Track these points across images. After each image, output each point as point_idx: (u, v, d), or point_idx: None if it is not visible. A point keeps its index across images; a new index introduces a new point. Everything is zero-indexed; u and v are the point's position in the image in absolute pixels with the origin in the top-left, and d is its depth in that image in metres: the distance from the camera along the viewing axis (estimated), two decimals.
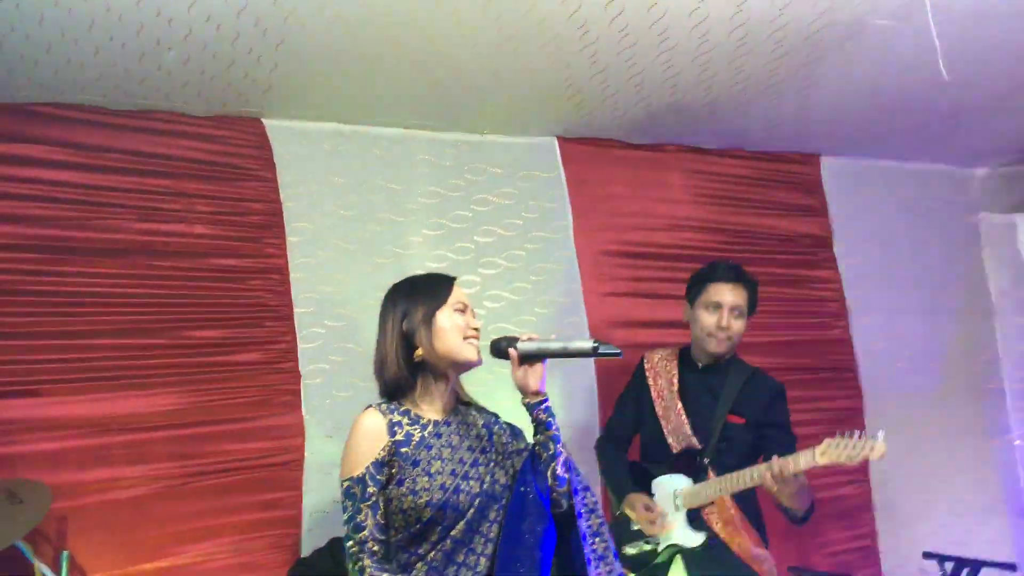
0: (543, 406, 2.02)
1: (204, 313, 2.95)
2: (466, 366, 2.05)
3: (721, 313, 2.80)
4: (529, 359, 2.00)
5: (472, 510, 1.96)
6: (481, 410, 2.16)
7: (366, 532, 1.89)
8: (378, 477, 1.92)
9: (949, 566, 3.50)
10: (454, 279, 2.10)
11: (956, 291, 4.30)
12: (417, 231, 3.33)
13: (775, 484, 2.49)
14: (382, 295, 2.13)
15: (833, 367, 3.93)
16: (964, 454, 4.11)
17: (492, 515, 2.00)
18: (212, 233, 3.00)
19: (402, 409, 2.02)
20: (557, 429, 2.04)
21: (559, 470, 2.03)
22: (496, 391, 2.30)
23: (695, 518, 2.72)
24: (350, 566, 1.91)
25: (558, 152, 3.62)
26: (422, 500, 1.91)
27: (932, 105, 3.54)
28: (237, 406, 2.97)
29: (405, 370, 2.02)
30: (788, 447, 2.60)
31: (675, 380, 2.90)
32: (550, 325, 3.42)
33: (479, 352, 2.04)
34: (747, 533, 2.74)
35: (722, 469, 2.69)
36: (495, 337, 2.06)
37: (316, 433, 3.02)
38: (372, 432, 1.96)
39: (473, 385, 2.16)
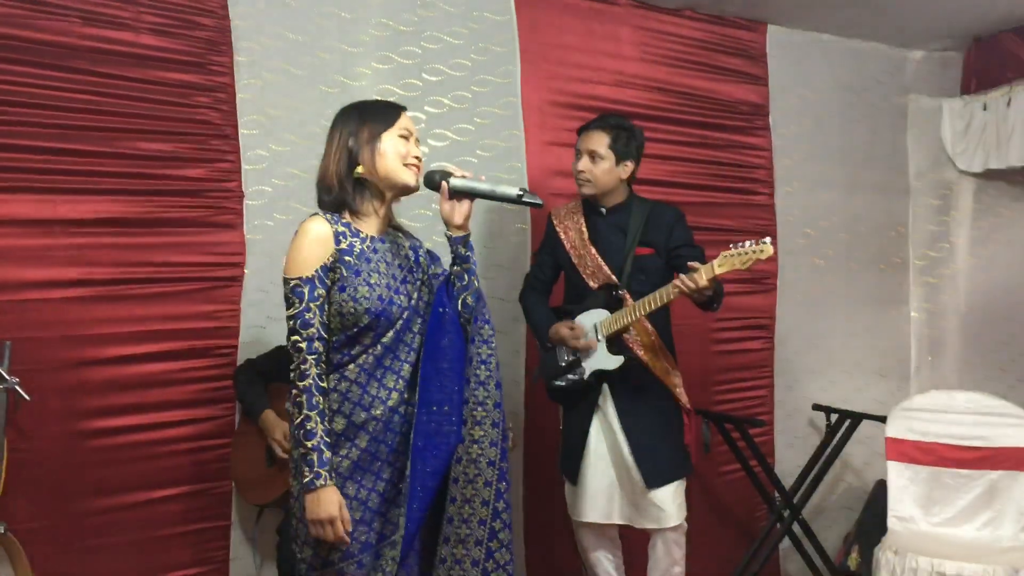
0: (464, 241, 2.16)
1: (150, 125, 2.95)
2: (403, 190, 2.16)
3: (581, 159, 2.99)
4: (458, 195, 2.13)
5: (400, 321, 2.12)
6: (408, 234, 2.29)
7: (313, 330, 2.02)
8: (326, 280, 2.05)
9: (834, 417, 3.86)
10: (404, 108, 2.19)
11: (877, 168, 4.40)
12: (366, 63, 3.33)
13: (691, 294, 2.67)
14: (327, 123, 2.21)
15: (754, 231, 4.05)
16: (862, 320, 4.34)
17: (416, 328, 2.16)
18: (159, 45, 2.97)
19: (344, 221, 2.13)
20: (474, 264, 2.17)
21: (469, 299, 2.17)
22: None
23: (617, 345, 2.93)
24: (295, 363, 2.03)
25: None
26: (361, 307, 2.05)
27: None
28: (180, 220, 3.01)
29: (346, 186, 2.12)
30: (697, 259, 2.79)
31: (583, 227, 3.08)
32: (491, 169, 3.50)
33: (417, 179, 2.15)
34: (665, 358, 3.00)
35: (640, 297, 2.85)
36: (430, 168, 2.17)
37: (256, 250, 3.10)
38: (321, 237, 2.06)
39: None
